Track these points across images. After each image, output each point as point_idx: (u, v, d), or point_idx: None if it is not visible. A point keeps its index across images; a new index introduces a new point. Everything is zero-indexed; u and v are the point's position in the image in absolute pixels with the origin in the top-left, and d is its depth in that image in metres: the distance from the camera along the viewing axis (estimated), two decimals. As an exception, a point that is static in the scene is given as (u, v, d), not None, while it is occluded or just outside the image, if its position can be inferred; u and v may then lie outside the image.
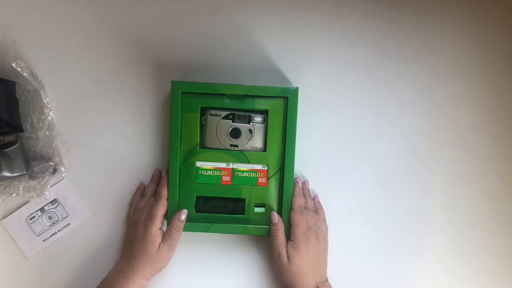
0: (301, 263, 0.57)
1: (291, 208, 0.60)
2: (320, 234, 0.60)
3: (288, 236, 0.60)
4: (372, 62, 0.64)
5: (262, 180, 0.62)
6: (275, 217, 0.60)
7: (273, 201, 0.62)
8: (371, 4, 0.64)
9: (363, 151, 0.65)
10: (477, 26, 0.64)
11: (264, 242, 0.66)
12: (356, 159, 0.65)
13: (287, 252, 0.58)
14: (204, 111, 0.61)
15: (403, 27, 0.64)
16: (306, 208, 0.61)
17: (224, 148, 0.61)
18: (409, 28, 0.64)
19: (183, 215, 0.59)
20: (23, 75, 0.60)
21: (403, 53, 0.64)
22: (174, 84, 0.59)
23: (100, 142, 0.65)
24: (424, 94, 0.65)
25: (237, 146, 0.61)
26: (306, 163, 0.65)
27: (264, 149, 0.61)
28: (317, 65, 0.64)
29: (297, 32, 0.64)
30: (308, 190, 0.64)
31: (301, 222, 0.59)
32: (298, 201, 0.61)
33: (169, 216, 0.61)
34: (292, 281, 0.58)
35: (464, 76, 0.65)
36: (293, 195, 0.61)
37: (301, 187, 0.63)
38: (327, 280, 0.60)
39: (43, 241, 0.66)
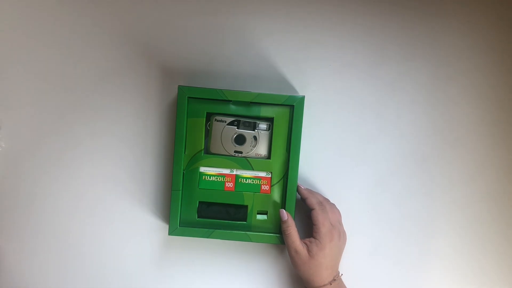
0: (323, 260, 0.57)
1: (311, 208, 0.59)
2: (341, 230, 0.61)
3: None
4: (372, 62, 0.64)
5: (265, 187, 0.62)
6: (284, 214, 0.60)
7: (276, 209, 0.62)
8: (371, 4, 0.64)
9: (363, 151, 0.65)
10: (477, 26, 0.64)
11: (266, 250, 0.66)
12: (356, 159, 0.65)
13: (310, 250, 0.58)
14: (209, 116, 0.61)
15: (403, 27, 0.64)
16: (323, 203, 0.60)
17: (228, 154, 0.61)
18: (409, 28, 0.64)
19: None
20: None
21: (403, 53, 0.64)
22: (181, 89, 0.59)
23: (102, 143, 0.65)
24: (424, 94, 0.65)
25: (241, 152, 0.61)
26: (306, 163, 0.64)
27: (268, 156, 0.61)
28: (317, 65, 0.64)
29: (297, 33, 0.64)
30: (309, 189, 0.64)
31: (325, 220, 0.58)
32: (314, 199, 0.60)
33: (170, 220, 0.61)
34: (311, 275, 0.58)
35: (464, 76, 0.65)
36: (304, 197, 0.61)
37: (303, 187, 0.62)
38: (339, 273, 0.61)
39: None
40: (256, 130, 0.61)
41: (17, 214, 0.66)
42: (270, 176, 0.61)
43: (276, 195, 0.62)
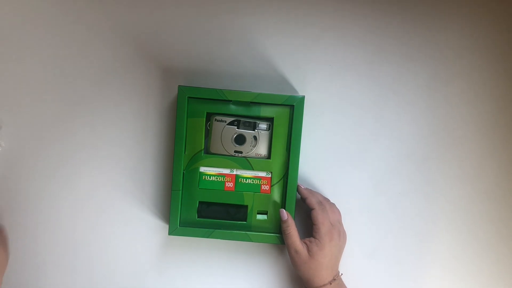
0: (323, 260, 0.57)
1: (311, 207, 0.60)
2: (341, 230, 0.61)
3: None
4: (372, 62, 0.64)
5: (265, 187, 0.62)
6: (284, 214, 0.60)
7: (276, 209, 0.62)
8: (371, 5, 0.64)
9: (363, 151, 0.65)
10: (477, 26, 0.64)
11: (266, 250, 0.66)
12: (356, 159, 0.65)
13: (310, 249, 0.58)
14: (209, 116, 0.61)
15: (403, 27, 0.64)
16: (322, 203, 0.60)
17: (229, 154, 0.61)
18: (409, 29, 0.64)
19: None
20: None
21: (403, 53, 0.64)
22: (181, 89, 0.59)
23: (102, 143, 0.65)
24: (424, 94, 0.65)
25: (241, 152, 0.61)
26: (306, 163, 0.64)
27: (268, 156, 0.61)
28: (317, 65, 0.64)
29: (297, 33, 0.64)
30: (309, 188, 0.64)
31: (325, 220, 0.59)
32: (314, 199, 0.60)
33: (170, 220, 0.61)
34: (311, 275, 0.58)
35: (464, 76, 0.65)
36: (304, 197, 0.61)
37: (303, 187, 0.63)
38: (339, 273, 0.61)
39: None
40: (256, 130, 0.61)
41: (16, 214, 0.66)
42: (270, 176, 0.61)
43: (276, 195, 0.62)
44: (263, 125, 0.61)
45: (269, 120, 0.61)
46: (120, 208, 0.66)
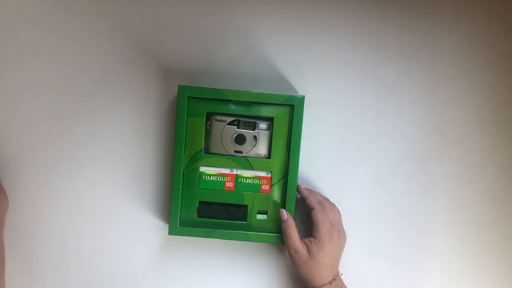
0: (323, 260, 0.58)
1: (311, 207, 0.60)
2: (341, 230, 0.61)
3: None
4: (372, 62, 0.64)
5: (265, 187, 0.62)
6: (284, 214, 0.60)
7: (276, 209, 0.62)
8: (371, 4, 0.64)
9: (363, 151, 0.65)
10: (477, 26, 0.64)
11: (266, 249, 0.66)
12: (356, 159, 0.65)
13: (309, 249, 0.58)
14: (209, 116, 0.61)
15: (403, 27, 0.64)
16: (322, 202, 0.61)
17: (228, 154, 0.61)
18: (409, 28, 0.64)
19: None
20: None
21: (403, 53, 0.64)
22: (181, 88, 0.59)
23: (102, 143, 0.65)
24: (424, 94, 0.65)
25: (241, 152, 0.61)
26: (306, 163, 0.64)
27: (268, 156, 0.61)
28: (317, 65, 0.64)
29: (297, 33, 0.64)
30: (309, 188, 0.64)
31: (325, 219, 0.59)
32: (314, 198, 0.60)
33: (170, 220, 0.61)
34: (311, 275, 0.58)
35: (464, 76, 0.65)
36: (304, 197, 0.61)
37: (303, 187, 0.63)
38: (339, 273, 0.61)
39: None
40: (256, 130, 0.61)
41: (17, 214, 0.66)
42: (270, 175, 0.61)
43: (276, 195, 0.62)
44: (263, 125, 0.61)
45: (269, 120, 0.61)
46: (120, 208, 0.66)
